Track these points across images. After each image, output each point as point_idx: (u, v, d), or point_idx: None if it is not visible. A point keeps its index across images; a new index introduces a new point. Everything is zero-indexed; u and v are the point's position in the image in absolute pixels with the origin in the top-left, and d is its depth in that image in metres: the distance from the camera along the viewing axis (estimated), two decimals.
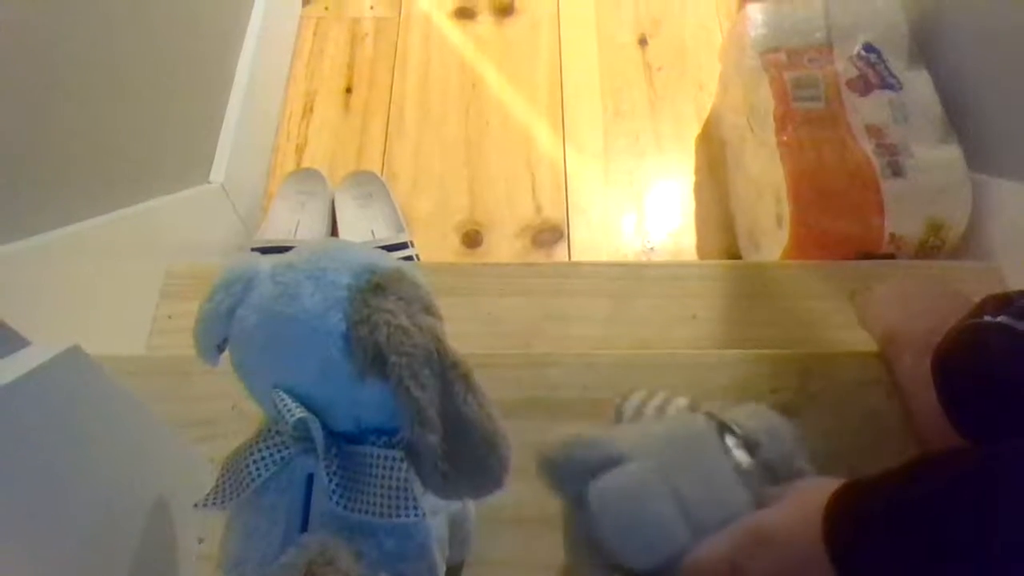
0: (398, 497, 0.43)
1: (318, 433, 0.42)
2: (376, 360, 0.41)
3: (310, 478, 0.45)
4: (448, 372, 0.43)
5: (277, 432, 0.45)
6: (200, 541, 0.64)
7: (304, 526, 0.44)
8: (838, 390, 0.77)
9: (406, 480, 0.43)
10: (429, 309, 0.45)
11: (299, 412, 0.41)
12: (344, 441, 0.45)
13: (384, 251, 0.48)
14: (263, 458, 0.45)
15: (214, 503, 0.46)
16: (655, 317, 0.93)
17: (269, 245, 1.10)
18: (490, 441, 0.44)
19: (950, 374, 0.66)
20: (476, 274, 0.99)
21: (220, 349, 0.46)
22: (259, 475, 0.44)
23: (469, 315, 0.93)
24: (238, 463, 0.46)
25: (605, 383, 0.76)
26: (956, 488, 0.41)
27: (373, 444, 0.44)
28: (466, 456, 0.43)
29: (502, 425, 0.45)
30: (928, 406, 0.68)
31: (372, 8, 1.46)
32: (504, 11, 1.45)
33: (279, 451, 0.45)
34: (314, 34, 1.43)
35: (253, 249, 1.11)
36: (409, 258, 1.12)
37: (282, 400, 0.42)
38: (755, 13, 1.09)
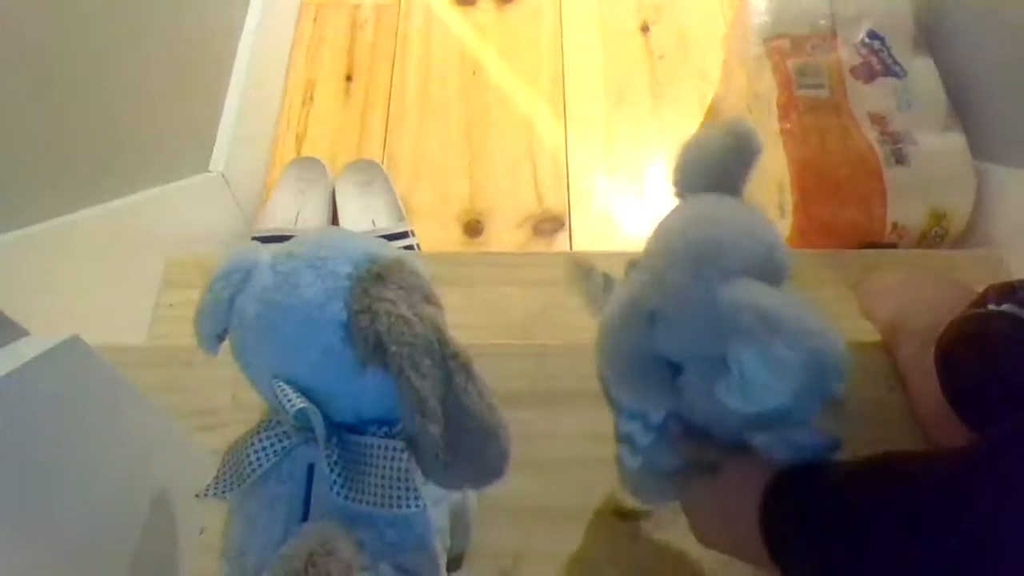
0: (399, 487, 0.43)
1: (319, 423, 0.42)
2: (377, 350, 0.41)
3: (311, 468, 0.45)
4: (448, 362, 0.42)
5: (278, 422, 0.45)
6: (201, 531, 0.64)
7: (305, 516, 0.44)
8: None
9: (407, 470, 0.43)
10: (429, 299, 0.44)
11: (300, 402, 0.41)
12: (345, 431, 0.45)
13: (384, 240, 0.48)
14: (264, 448, 0.45)
15: (215, 493, 0.46)
16: None
17: (270, 234, 1.09)
18: (491, 431, 0.44)
19: (954, 363, 0.66)
20: (477, 263, 0.99)
21: (221, 339, 0.46)
22: (260, 465, 0.44)
23: (470, 305, 0.92)
24: (239, 453, 0.46)
25: None
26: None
27: (373, 435, 0.44)
28: (467, 446, 0.43)
29: (502, 415, 0.45)
30: (931, 395, 0.68)
31: None
32: None
33: (280, 441, 0.45)
34: (314, 21, 1.42)
35: (254, 238, 1.11)
36: (410, 247, 1.12)
37: (283, 390, 0.42)
38: (758, 0, 1.09)
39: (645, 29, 1.41)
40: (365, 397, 0.44)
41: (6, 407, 0.43)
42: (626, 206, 1.22)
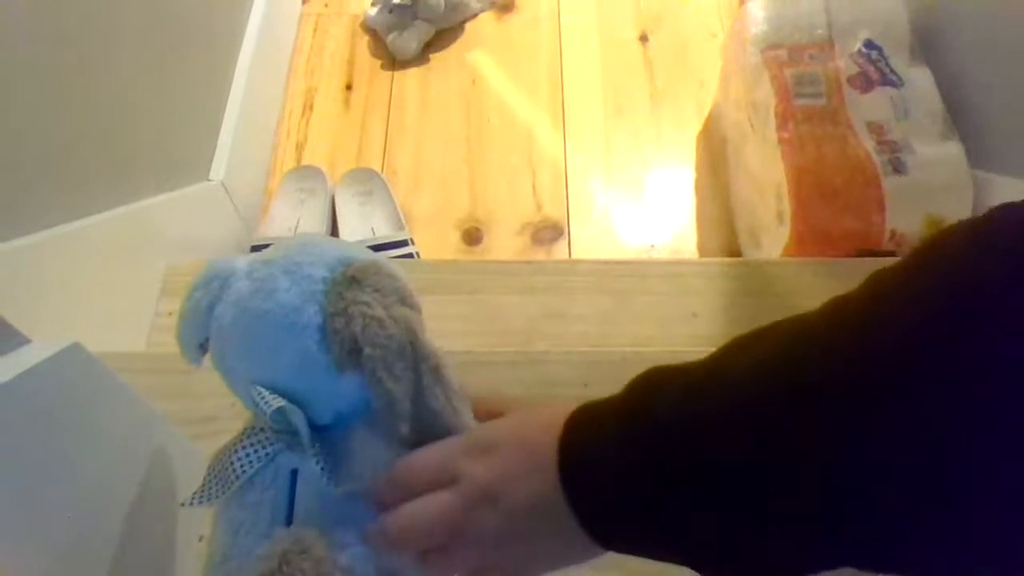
0: (384, 465, 0.44)
1: (300, 421, 0.43)
2: (352, 352, 0.41)
3: (294, 474, 0.45)
4: (420, 364, 0.43)
5: (261, 429, 0.46)
6: (200, 538, 0.64)
7: (289, 521, 0.45)
8: None
9: (387, 448, 0.44)
10: (405, 300, 0.45)
11: (276, 403, 0.41)
12: (325, 432, 0.45)
13: (360, 245, 0.48)
14: (247, 455, 0.45)
15: (201, 501, 0.46)
16: (655, 315, 0.93)
17: (269, 242, 1.09)
18: (450, 435, 0.44)
19: None
20: (476, 271, 0.99)
21: (203, 348, 0.46)
22: (243, 472, 0.45)
23: (469, 312, 0.93)
24: (223, 461, 0.46)
25: (605, 381, 0.76)
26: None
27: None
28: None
29: (469, 420, 0.45)
30: None
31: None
32: (505, 7, 1.45)
33: (263, 447, 0.45)
34: (314, 31, 1.43)
35: (253, 247, 1.11)
36: (409, 255, 1.12)
37: (259, 393, 0.42)
38: (756, 9, 1.09)
39: (644, 38, 1.41)
40: (344, 399, 0.44)
41: (7, 414, 0.43)
42: (625, 214, 1.22)
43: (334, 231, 1.17)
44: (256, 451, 0.45)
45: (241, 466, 0.45)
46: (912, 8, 1.06)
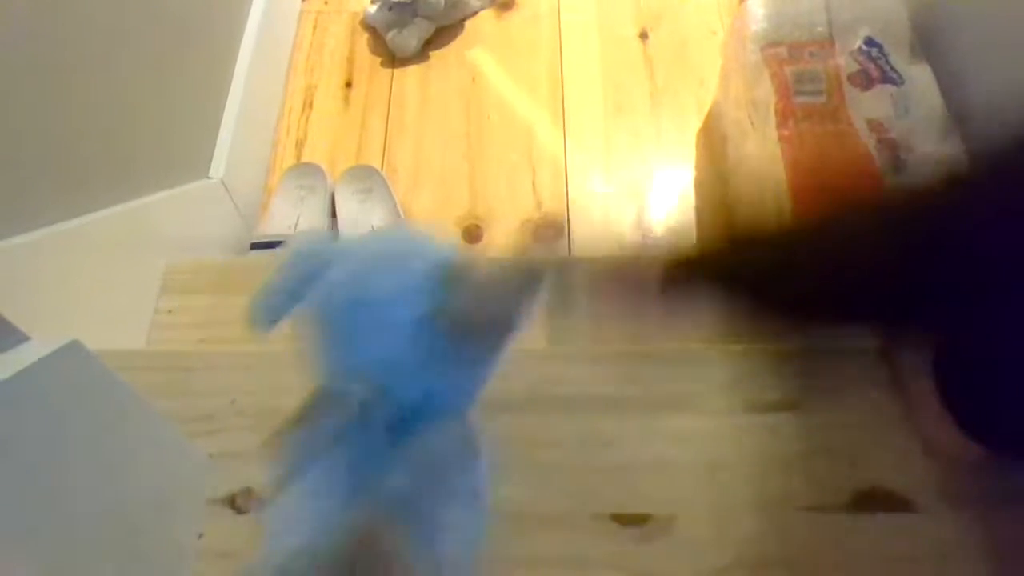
0: (455, 461, 0.44)
1: (380, 412, 0.43)
2: (452, 355, 0.42)
3: (359, 457, 0.45)
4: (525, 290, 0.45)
5: (329, 409, 0.46)
6: (200, 536, 0.64)
7: (356, 498, 0.45)
8: (839, 384, 0.76)
9: (462, 443, 0.44)
10: (498, 298, 0.46)
11: (363, 392, 0.42)
12: (400, 422, 0.45)
13: (451, 243, 0.49)
14: (315, 433, 0.45)
15: (275, 458, 0.46)
16: None
17: (269, 240, 1.10)
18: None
19: (951, 369, 0.66)
20: None
21: (276, 323, 0.46)
22: (311, 449, 0.45)
23: None
24: (290, 435, 0.46)
25: (607, 378, 0.76)
26: None
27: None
28: None
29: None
30: (929, 401, 0.68)
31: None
32: (505, 5, 1.45)
33: (332, 428, 0.45)
34: (314, 28, 1.42)
35: (253, 244, 1.11)
36: None
37: (348, 380, 0.42)
38: (756, 7, 1.09)
39: (644, 36, 1.41)
40: (425, 394, 0.45)
41: (6, 411, 0.43)
42: (625, 212, 1.22)
43: (334, 228, 1.17)
44: (325, 430, 0.45)
45: (308, 443, 0.45)
46: (912, 6, 1.06)
